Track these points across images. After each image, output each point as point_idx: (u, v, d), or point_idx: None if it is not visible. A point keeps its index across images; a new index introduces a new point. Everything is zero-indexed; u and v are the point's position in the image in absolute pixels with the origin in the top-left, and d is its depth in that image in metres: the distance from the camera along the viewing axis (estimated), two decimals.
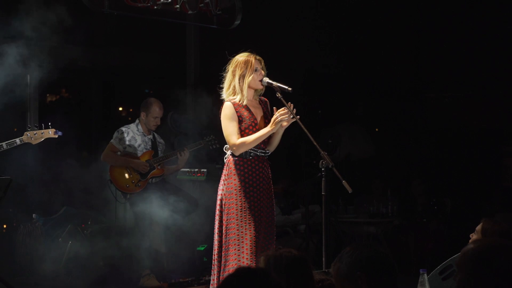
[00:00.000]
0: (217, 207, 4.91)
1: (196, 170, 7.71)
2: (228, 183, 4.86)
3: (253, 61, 4.89)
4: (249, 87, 4.90)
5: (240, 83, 4.88)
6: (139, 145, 6.99)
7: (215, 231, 4.90)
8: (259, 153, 4.92)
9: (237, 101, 4.89)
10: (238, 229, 4.77)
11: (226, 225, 4.82)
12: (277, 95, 4.83)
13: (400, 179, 9.60)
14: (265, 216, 4.88)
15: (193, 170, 7.72)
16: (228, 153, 4.96)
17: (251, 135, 4.84)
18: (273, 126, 4.79)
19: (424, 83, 10.26)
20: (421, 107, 10.30)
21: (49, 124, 5.64)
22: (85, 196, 7.74)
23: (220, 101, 4.99)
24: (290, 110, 4.75)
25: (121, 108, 9.77)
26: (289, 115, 4.75)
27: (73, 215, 7.62)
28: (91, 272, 6.86)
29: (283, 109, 4.77)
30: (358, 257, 2.88)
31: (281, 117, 4.75)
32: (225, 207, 4.85)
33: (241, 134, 4.85)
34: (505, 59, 8.91)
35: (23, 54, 6.30)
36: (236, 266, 4.67)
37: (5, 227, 7.49)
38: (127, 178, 6.89)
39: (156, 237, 6.96)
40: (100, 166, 7.20)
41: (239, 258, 4.72)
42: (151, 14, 7.13)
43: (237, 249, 4.75)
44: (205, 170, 7.71)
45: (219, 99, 5.01)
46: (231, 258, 4.76)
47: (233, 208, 4.81)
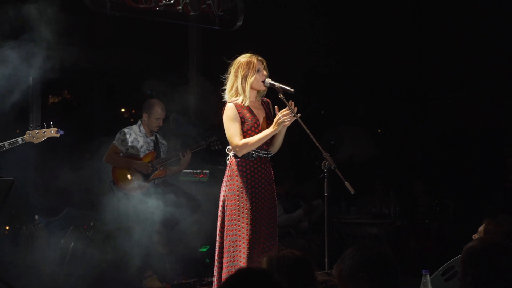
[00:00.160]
0: (219, 208, 4.92)
1: (199, 171, 7.71)
2: (231, 184, 4.86)
3: (255, 62, 4.88)
4: (252, 88, 4.90)
5: (243, 84, 4.87)
6: (141, 146, 7.00)
7: (217, 232, 4.90)
8: (261, 154, 4.92)
9: (239, 102, 4.88)
10: (240, 230, 4.77)
11: (227, 226, 4.82)
12: (279, 96, 4.83)
13: (402, 180, 9.59)
14: (267, 217, 4.87)
15: (195, 171, 7.71)
16: (230, 154, 4.95)
17: (254, 136, 4.84)
18: (275, 127, 4.78)
19: (425, 84, 10.26)
20: (422, 108, 10.30)
21: (51, 123, 5.64)
22: (87, 198, 7.75)
23: (223, 103, 4.99)
24: (291, 109, 4.74)
25: (123, 110, 9.76)
26: (291, 115, 4.75)
27: (75, 216, 7.62)
28: (93, 274, 6.86)
29: (285, 109, 4.77)
30: (360, 258, 2.89)
31: (283, 117, 4.74)
32: (227, 208, 4.85)
33: (243, 135, 4.85)
34: (506, 60, 8.92)
35: (26, 56, 6.30)
36: (231, 268, 4.69)
37: (7, 228, 7.50)
38: (129, 179, 6.90)
39: (158, 238, 6.96)
40: (102, 167, 7.20)
41: (234, 259, 4.73)
42: (153, 16, 7.14)
43: (231, 250, 4.75)
44: (207, 171, 7.70)
45: (222, 100, 5.01)
46: (226, 260, 4.76)
47: (235, 209, 4.81)
